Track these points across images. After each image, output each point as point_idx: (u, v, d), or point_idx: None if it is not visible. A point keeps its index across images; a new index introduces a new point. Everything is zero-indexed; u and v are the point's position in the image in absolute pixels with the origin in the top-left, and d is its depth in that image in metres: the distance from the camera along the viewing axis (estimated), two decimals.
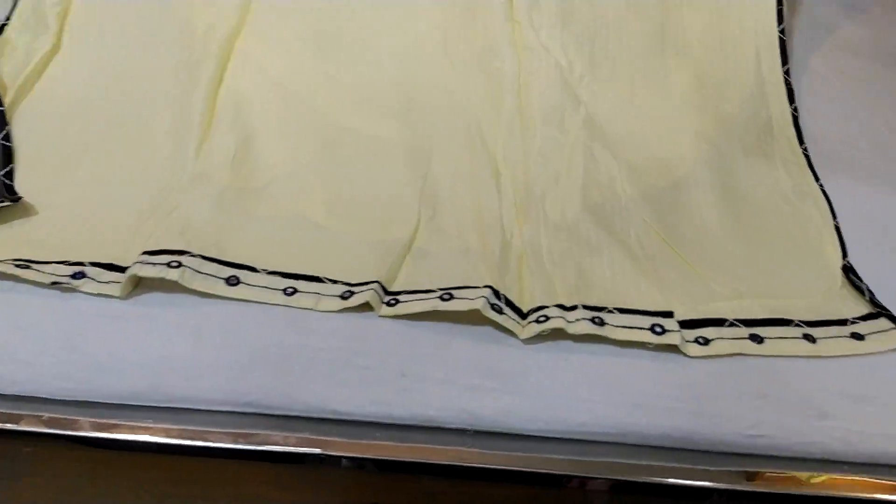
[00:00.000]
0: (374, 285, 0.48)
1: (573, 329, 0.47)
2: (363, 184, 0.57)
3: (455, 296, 0.48)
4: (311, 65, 0.67)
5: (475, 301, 0.47)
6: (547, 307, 0.48)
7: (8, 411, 0.45)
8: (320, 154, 0.59)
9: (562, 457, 0.44)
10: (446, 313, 0.47)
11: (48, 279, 0.48)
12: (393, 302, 0.48)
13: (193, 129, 0.59)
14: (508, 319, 0.47)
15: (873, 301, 0.51)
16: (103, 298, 0.48)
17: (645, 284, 0.50)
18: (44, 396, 0.45)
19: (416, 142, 0.61)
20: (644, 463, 0.44)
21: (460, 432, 0.45)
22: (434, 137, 0.61)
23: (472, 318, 0.47)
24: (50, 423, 0.45)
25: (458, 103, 0.64)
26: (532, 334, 0.47)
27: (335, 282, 0.49)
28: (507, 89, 0.65)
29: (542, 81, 0.65)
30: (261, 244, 0.51)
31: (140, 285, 0.49)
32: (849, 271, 0.53)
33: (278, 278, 0.49)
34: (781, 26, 0.68)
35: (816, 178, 0.61)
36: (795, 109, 0.65)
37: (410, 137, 0.61)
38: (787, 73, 0.66)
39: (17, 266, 0.48)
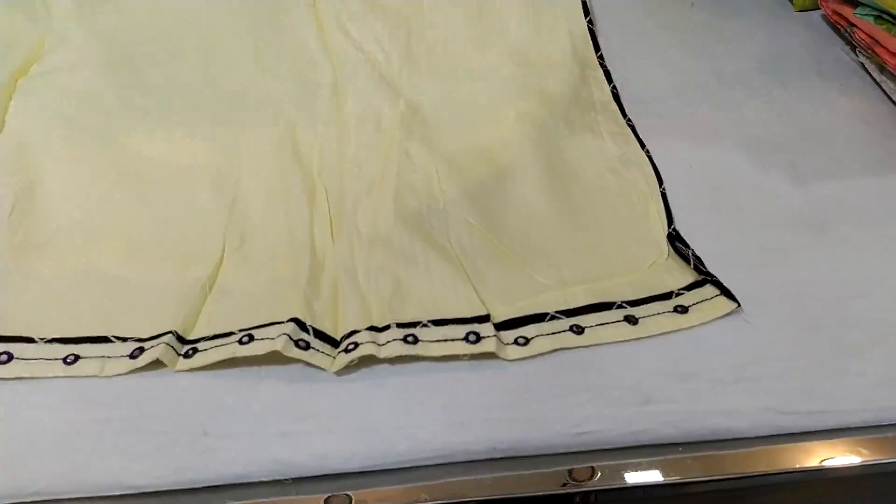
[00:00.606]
0: (167, 337, 0.44)
1: (384, 353, 0.44)
2: (163, 219, 0.53)
3: (255, 337, 0.44)
4: (105, 94, 0.61)
5: (276, 341, 0.43)
6: (358, 332, 0.45)
7: None
8: (115, 191, 0.54)
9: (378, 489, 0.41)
10: (252, 356, 0.44)
11: None
12: (190, 353, 0.44)
13: None
14: (316, 354, 0.44)
15: (698, 268, 0.50)
16: None
17: (463, 289, 0.47)
18: None
19: (224, 163, 0.57)
20: (470, 478, 0.42)
21: (277, 483, 0.42)
22: (244, 156, 0.57)
23: (279, 356, 0.44)
24: None
25: (269, 115, 0.60)
26: (342, 366, 0.44)
27: (124, 340, 0.45)
28: (323, 96, 0.61)
29: (357, 82, 0.62)
30: (42, 308, 0.47)
31: None
32: (674, 239, 0.52)
33: (58, 346, 0.44)
34: (588, 17, 0.67)
35: (643, 145, 0.59)
36: (614, 87, 0.64)
37: (218, 159, 0.57)
38: (601, 58, 0.66)
39: None
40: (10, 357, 0.44)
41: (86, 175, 0.55)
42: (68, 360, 0.44)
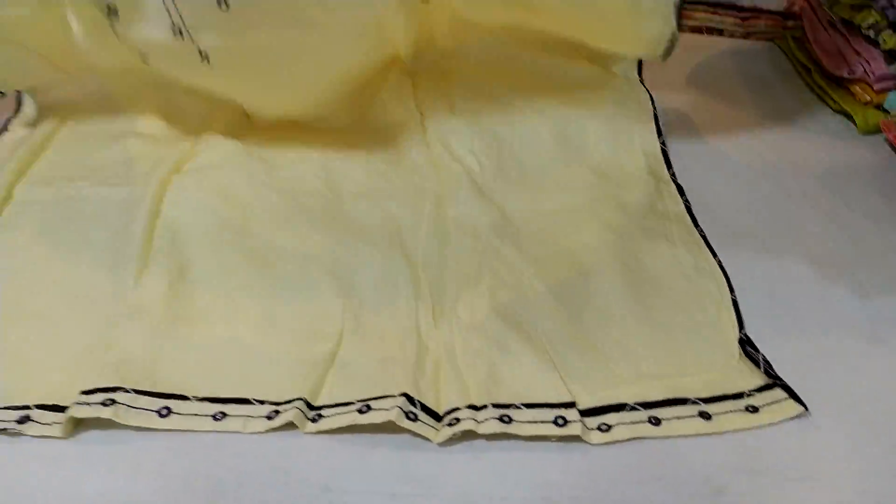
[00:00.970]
0: (299, 402, 0.52)
1: (482, 429, 0.50)
2: (292, 301, 0.61)
3: (372, 407, 0.51)
4: (243, 191, 0.72)
5: (390, 412, 0.50)
6: (459, 409, 0.52)
7: None
8: (252, 276, 0.63)
9: None
10: (367, 424, 0.51)
11: None
12: (317, 418, 0.52)
13: (132, 262, 0.64)
14: (423, 426, 0.51)
15: (768, 372, 0.55)
16: (46, 440, 0.51)
17: (551, 377, 0.54)
18: None
19: (341, 254, 0.66)
20: None
21: None
22: (359, 247, 0.66)
23: (391, 425, 0.51)
24: None
25: (379, 215, 0.70)
26: (445, 438, 0.50)
27: (262, 402, 0.53)
28: (427, 200, 0.70)
29: (458, 191, 0.71)
30: (194, 371, 0.55)
31: (81, 423, 0.52)
32: (745, 344, 0.58)
33: (208, 404, 0.53)
34: (661, 138, 0.75)
35: (714, 255, 0.66)
36: (687, 201, 0.71)
37: (336, 250, 0.66)
38: (673, 175, 0.73)
39: None
40: (170, 412, 0.52)
41: (228, 262, 0.65)
42: (217, 417, 0.52)
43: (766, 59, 0.98)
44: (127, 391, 0.53)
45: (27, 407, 0.53)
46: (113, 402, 0.51)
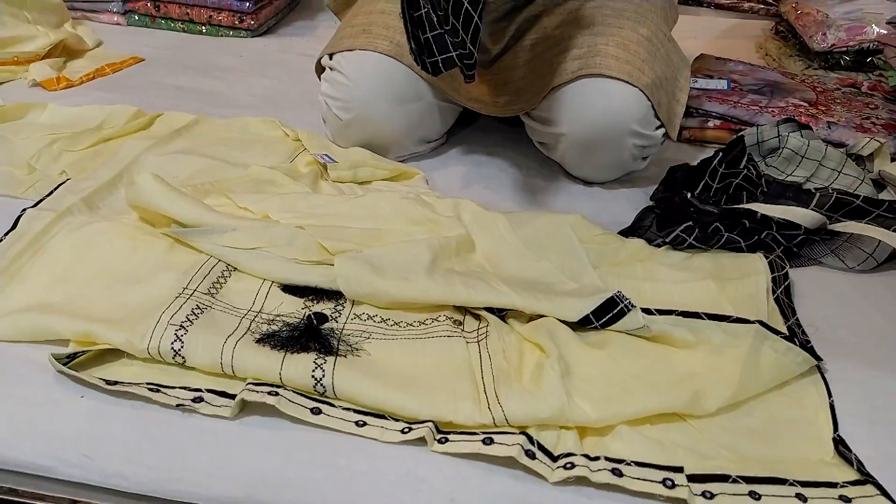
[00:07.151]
0: (429, 424, 0.59)
1: (595, 478, 0.55)
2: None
3: (495, 440, 0.58)
4: None
5: (511, 448, 0.56)
6: (575, 455, 0.57)
7: None
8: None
9: None
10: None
11: (174, 401, 0.60)
12: (443, 440, 0.58)
13: None
14: (539, 464, 0.56)
15: (861, 470, 0.59)
16: (215, 418, 0.60)
17: (659, 447, 0.59)
18: (161, 497, 0.56)
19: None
20: None
21: None
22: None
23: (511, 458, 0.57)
24: None
25: None
26: (560, 479, 0.56)
27: (397, 420, 0.60)
28: None
29: None
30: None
31: (244, 410, 0.61)
32: (838, 443, 0.61)
33: (351, 413, 0.60)
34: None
35: (817, 362, 0.69)
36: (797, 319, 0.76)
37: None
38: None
39: (150, 389, 0.61)
40: (320, 412, 0.60)
41: None
42: (359, 424, 0.59)
43: None
44: (287, 389, 0.61)
45: (200, 390, 0.62)
46: (277, 393, 0.60)
